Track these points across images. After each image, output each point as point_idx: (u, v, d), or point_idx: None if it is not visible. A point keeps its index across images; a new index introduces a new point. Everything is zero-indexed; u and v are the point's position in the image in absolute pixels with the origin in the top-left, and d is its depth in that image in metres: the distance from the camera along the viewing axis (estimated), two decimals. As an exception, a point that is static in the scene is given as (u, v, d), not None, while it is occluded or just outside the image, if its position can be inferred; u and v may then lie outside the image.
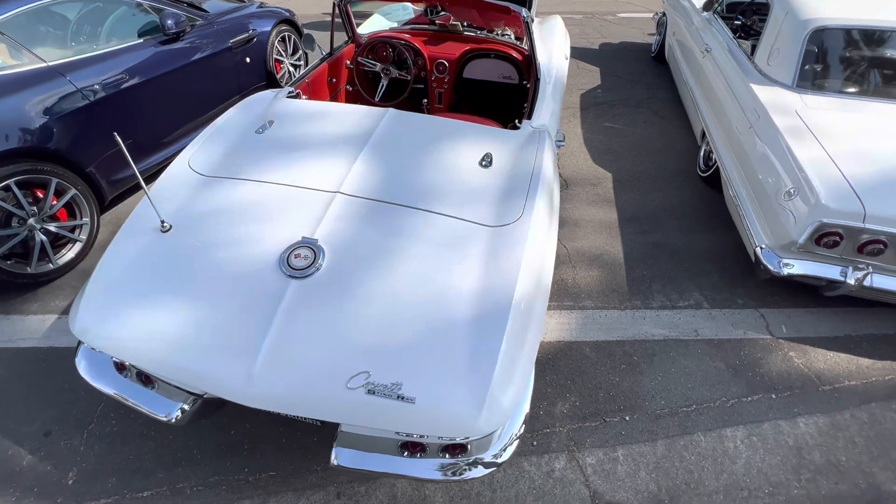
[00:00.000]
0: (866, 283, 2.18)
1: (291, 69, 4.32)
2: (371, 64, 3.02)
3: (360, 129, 2.02)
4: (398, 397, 1.28)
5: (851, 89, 2.84)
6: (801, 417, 2.08)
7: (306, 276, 1.47)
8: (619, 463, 1.90)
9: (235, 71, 3.59)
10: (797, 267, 2.27)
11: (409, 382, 1.30)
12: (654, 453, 1.94)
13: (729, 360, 2.29)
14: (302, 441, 1.91)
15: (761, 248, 2.40)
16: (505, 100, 3.09)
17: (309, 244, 1.54)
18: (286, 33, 4.13)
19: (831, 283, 2.27)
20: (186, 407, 1.50)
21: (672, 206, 3.26)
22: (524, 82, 2.91)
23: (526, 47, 3.00)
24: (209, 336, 1.39)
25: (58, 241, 2.54)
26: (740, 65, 3.29)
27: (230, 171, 1.84)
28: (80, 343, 1.67)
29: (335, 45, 3.04)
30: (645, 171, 3.63)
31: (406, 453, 1.43)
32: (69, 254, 2.57)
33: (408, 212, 1.68)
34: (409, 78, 2.98)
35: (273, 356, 1.33)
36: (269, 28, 3.87)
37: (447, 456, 1.42)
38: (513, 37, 3.22)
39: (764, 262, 2.35)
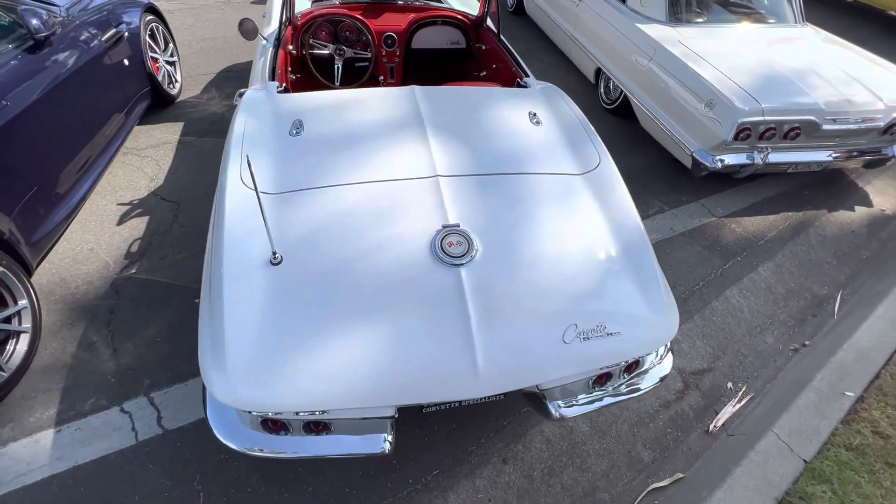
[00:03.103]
0: (768, 160, 2.98)
1: (169, 68, 3.59)
2: (321, 45, 2.74)
3: (404, 112, 1.93)
4: (608, 335, 1.43)
5: (710, 18, 3.65)
6: (760, 267, 2.82)
7: (471, 261, 1.46)
8: (680, 342, 2.36)
9: (118, 77, 2.87)
10: (727, 160, 2.96)
11: (609, 319, 1.45)
12: (697, 326, 2.45)
13: (702, 243, 2.93)
14: (443, 431, 1.91)
15: (696, 151, 3.05)
16: (452, 65, 3.15)
17: (454, 231, 1.51)
18: (153, 25, 3.38)
19: (744, 167, 3.03)
20: (389, 437, 1.40)
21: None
22: (479, 45, 3.01)
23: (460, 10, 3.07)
24: (414, 348, 1.31)
25: (-4, 341, 1.88)
26: (617, 9, 3.89)
27: (303, 181, 1.62)
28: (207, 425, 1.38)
29: (269, 30, 2.68)
30: (564, 112, 4.10)
31: (596, 387, 1.60)
32: (18, 350, 1.92)
33: (507, 178, 1.74)
34: (369, 55, 2.81)
35: (488, 342, 1.34)
36: (136, 20, 3.13)
37: (626, 375, 1.64)
38: None
39: (702, 161, 3.01)
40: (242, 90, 2.30)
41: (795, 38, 3.61)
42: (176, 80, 3.71)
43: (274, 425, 1.39)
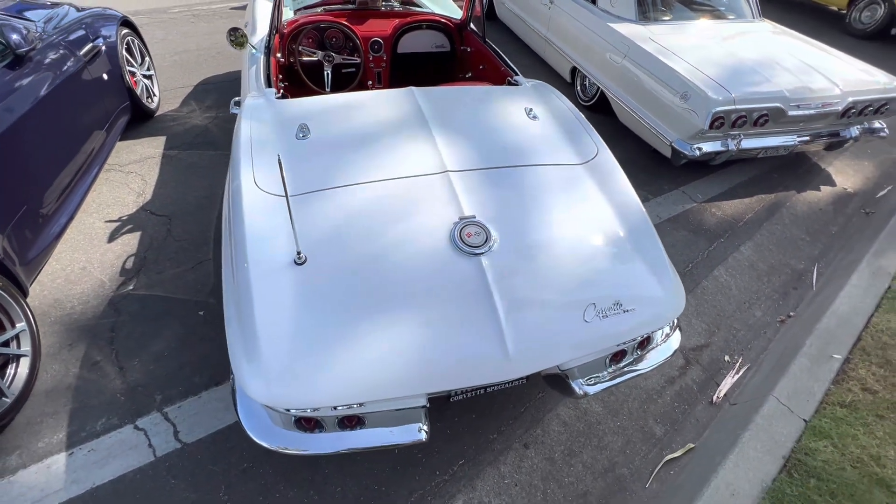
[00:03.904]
0: (741, 146, 3.16)
1: (146, 82, 3.51)
2: (310, 52, 2.75)
3: (406, 112, 1.97)
4: (624, 312, 1.50)
5: (675, 16, 3.85)
6: (742, 246, 2.98)
7: (490, 250, 1.51)
8: (678, 321, 2.47)
9: (98, 92, 2.80)
10: (704, 147, 3.13)
11: (624, 297, 1.52)
12: (691, 305, 2.56)
13: (688, 228, 3.07)
14: (464, 422, 1.94)
15: (675, 141, 3.20)
16: (438, 68, 3.21)
17: (471, 222, 1.55)
18: (129, 39, 3.31)
19: (719, 153, 3.20)
20: (424, 426, 1.43)
21: (581, 133, 3.94)
22: (464, 47, 3.08)
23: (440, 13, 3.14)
24: (445, 336, 1.35)
25: (-4, 366, 1.80)
26: (589, 10, 4.05)
27: (317, 182, 1.64)
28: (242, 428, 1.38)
29: (255, 39, 2.67)
30: (544, 111, 4.22)
31: (612, 364, 1.67)
32: (19, 374, 1.85)
33: (514, 170, 1.80)
34: (358, 61, 2.83)
35: (516, 326, 1.39)
36: (113, 34, 3.06)
37: (639, 351, 1.72)
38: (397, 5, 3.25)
39: (681, 150, 3.16)
40: (237, 98, 2.30)
41: (754, 33, 3.85)
42: (154, 94, 3.64)
43: (307, 423, 1.40)
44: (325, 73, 2.77)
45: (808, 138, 3.34)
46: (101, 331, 2.16)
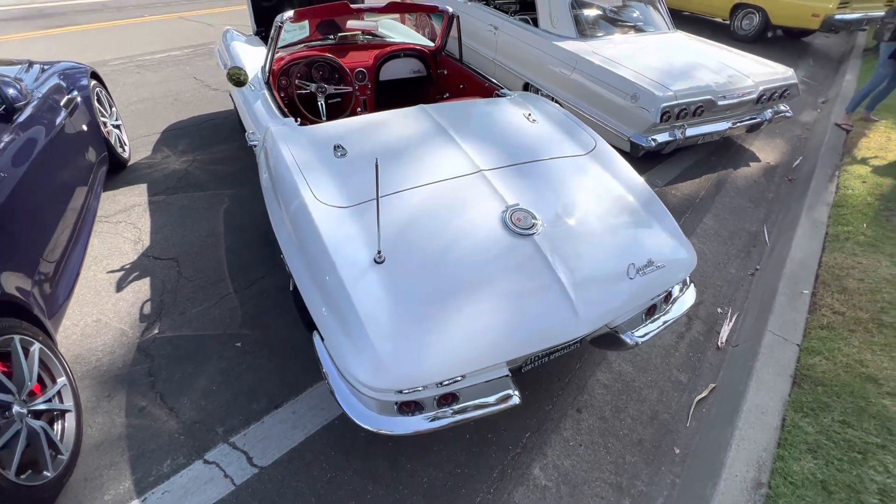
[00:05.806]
0: (686, 134, 3.66)
1: (117, 132, 3.43)
2: (304, 85, 2.87)
3: (426, 126, 2.16)
4: (657, 268, 1.76)
5: (606, 32, 4.39)
6: (704, 218, 3.42)
7: (539, 230, 1.72)
8: (671, 286, 2.80)
9: (82, 145, 2.74)
10: (658, 139, 3.59)
11: (654, 256, 1.78)
12: (678, 271, 2.92)
13: (657, 208, 3.47)
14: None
15: (633, 136, 3.64)
16: (418, 91, 3.45)
17: (518, 209, 1.76)
18: (98, 90, 3.25)
19: (669, 143, 3.68)
20: (515, 391, 1.57)
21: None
22: (441, 70, 3.34)
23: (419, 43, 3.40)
24: (523, 306, 1.52)
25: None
26: (533, 32, 4.52)
27: (370, 192, 1.77)
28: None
29: (244, 73, 2.76)
30: (506, 124, 4.58)
31: (648, 318, 1.91)
32: (68, 429, 1.76)
33: (534, 165, 2.04)
34: (349, 90, 2.99)
35: (579, 289, 1.59)
36: (86, 86, 3.00)
37: (665, 305, 1.98)
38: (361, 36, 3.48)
39: (639, 143, 3.60)
40: (249, 132, 2.38)
41: (674, 41, 4.48)
42: (125, 144, 3.56)
43: (407, 407, 1.50)
44: (320, 103, 2.90)
45: (735, 123, 3.93)
46: (138, 377, 2.09)
